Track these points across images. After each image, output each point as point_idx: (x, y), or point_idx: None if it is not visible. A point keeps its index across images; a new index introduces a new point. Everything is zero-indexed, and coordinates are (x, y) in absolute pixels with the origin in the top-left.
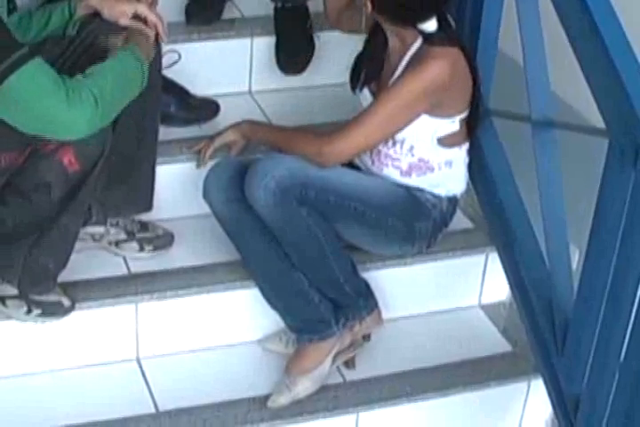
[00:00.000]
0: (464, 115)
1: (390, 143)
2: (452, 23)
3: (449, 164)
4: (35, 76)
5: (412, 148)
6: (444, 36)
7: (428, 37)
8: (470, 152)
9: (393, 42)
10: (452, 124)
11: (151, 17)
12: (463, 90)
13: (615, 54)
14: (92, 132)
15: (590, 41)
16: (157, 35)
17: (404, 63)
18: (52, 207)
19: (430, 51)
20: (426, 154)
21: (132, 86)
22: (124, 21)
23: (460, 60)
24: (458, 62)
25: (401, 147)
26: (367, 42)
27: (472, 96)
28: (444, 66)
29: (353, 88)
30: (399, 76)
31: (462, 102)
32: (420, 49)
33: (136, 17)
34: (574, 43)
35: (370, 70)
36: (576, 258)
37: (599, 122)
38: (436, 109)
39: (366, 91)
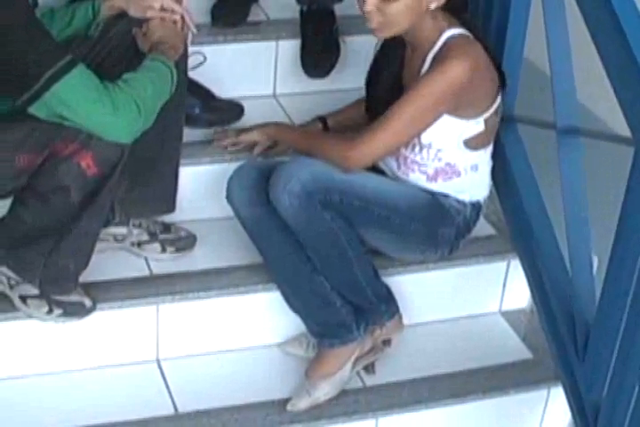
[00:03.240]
0: (488, 114)
1: (417, 149)
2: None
3: (475, 168)
4: (78, 84)
5: (438, 152)
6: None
7: (454, 17)
8: (494, 158)
9: (417, 45)
10: (477, 126)
11: (177, 8)
12: (486, 88)
13: None
14: (134, 137)
15: (618, 49)
16: (184, 24)
17: (427, 63)
18: (71, 210)
19: (452, 48)
20: (452, 158)
21: (164, 93)
22: (152, 13)
23: (482, 57)
24: (479, 61)
25: (428, 152)
26: (373, 73)
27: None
28: (465, 67)
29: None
30: (420, 77)
31: (486, 101)
32: (444, 46)
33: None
34: (601, 50)
35: (392, 91)
36: (595, 265)
37: (623, 130)
38: (461, 111)
39: None
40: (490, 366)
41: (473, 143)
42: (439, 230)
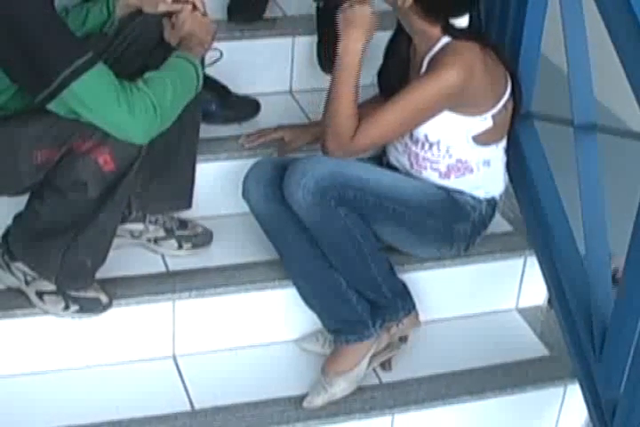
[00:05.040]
0: (495, 110)
1: (427, 146)
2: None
3: (487, 163)
4: (96, 83)
5: (448, 149)
6: (470, 32)
7: (453, 33)
8: (511, 154)
9: (417, 44)
10: (485, 122)
11: None
12: (489, 87)
13: None
14: (150, 138)
15: (636, 46)
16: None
17: (424, 66)
18: (88, 206)
19: (448, 53)
20: (463, 154)
21: (188, 93)
22: (164, 7)
23: (482, 57)
24: (477, 62)
25: (438, 149)
26: (387, 55)
27: (512, 89)
28: (458, 72)
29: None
30: (414, 80)
31: (490, 99)
32: (441, 50)
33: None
34: (619, 47)
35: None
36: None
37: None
38: (463, 108)
39: None
40: (506, 363)
41: (483, 139)
42: (454, 227)
